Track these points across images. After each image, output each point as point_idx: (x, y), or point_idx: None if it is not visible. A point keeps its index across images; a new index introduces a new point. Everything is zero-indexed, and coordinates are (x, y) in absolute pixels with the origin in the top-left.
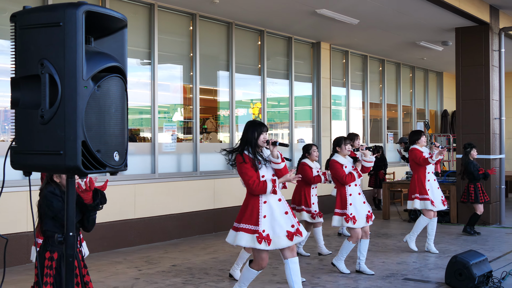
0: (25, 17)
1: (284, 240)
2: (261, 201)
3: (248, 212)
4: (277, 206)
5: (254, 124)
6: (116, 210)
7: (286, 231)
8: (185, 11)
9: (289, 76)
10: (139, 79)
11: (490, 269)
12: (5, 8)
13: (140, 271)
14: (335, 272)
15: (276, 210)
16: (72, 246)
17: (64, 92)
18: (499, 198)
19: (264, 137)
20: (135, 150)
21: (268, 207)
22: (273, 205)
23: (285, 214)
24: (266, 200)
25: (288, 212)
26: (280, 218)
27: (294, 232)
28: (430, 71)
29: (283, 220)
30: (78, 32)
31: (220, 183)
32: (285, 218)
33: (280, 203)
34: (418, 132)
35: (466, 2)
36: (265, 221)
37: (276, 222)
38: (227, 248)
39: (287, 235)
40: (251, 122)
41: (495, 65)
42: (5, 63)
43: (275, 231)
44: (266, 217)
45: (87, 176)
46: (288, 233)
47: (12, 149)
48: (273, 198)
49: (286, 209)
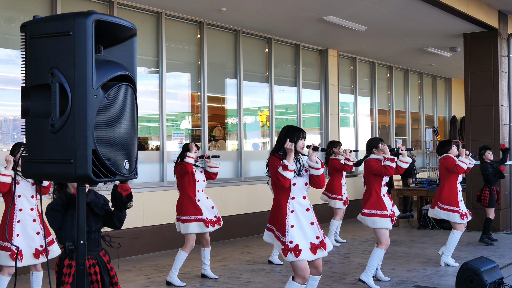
0: (35, 27)
1: (306, 253)
2: (288, 210)
3: (277, 218)
4: (303, 216)
5: (293, 130)
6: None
7: (310, 243)
8: (192, 19)
9: (297, 83)
10: (147, 88)
11: (501, 276)
12: (14, 18)
13: (149, 279)
14: (344, 279)
15: (303, 220)
16: (83, 254)
17: (74, 101)
18: (509, 205)
19: (302, 143)
20: (144, 158)
21: (295, 217)
22: (299, 215)
23: (311, 225)
24: (293, 209)
25: (314, 223)
26: (306, 228)
27: (318, 245)
28: (438, 77)
29: (308, 230)
30: (88, 41)
31: (228, 191)
32: (311, 228)
33: (307, 213)
34: (448, 142)
35: (474, 7)
36: (293, 231)
37: (303, 232)
38: (236, 256)
39: (310, 248)
40: (289, 127)
41: (504, 70)
42: (15, 72)
43: (301, 242)
44: (293, 227)
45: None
46: (312, 245)
47: (23, 158)
48: (301, 208)
49: (312, 219)
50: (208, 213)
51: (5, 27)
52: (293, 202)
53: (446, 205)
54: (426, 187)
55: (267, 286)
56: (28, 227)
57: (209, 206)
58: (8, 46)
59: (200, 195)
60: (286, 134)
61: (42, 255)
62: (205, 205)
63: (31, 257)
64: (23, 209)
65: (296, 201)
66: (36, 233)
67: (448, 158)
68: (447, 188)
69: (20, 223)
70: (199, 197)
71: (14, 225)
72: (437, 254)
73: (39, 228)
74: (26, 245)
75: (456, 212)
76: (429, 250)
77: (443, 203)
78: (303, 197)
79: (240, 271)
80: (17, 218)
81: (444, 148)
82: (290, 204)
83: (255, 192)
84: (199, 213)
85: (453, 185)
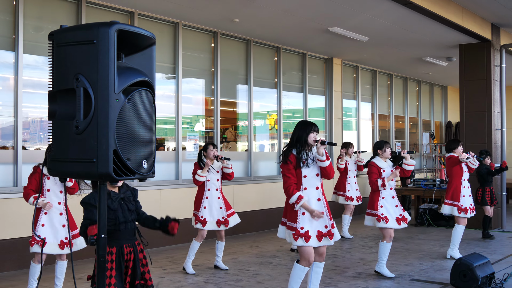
0: (62, 36)
1: (313, 240)
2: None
3: (289, 209)
4: (314, 205)
5: (305, 124)
6: None
7: (317, 231)
8: (207, 29)
9: (304, 90)
10: (164, 92)
11: (492, 271)
12: (43, 27)
13: (164, 270)
14: (345, 272)
15: (316, 208)
16: (104, 247)
17: (97, 104)
18: (501, 204)
19: (314, 136)
20: (161, 158)
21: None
22: (312, 204)
23: (321, 214)
24: (306, 199)
25: (325, 212)
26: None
27: (325, 233)
28: (435, 85)
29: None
30: (111, 49)
31: (239, 189)
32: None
33: (318, 203)
34: (456, 141)
35: (469, 20)
36: (304, 218)
37: (312, 220)
38: (245, 250)
39: (317, 235)
40: (302, 122)
41: (496, 79)
42: (42, 77)
43: (310, 229)
44: (305, 214)
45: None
46: (319, 233)
47: (49, 157)
48: (313, 197)
49: (322, 209)
50: (207, 213)
51: (34, 35)
52: (306, 193)
53: (449, 199)
54: (423, 187)
55: (273, 277)
56: (55, 220)
57: (217, 207)
58: (36, 52)
59: (210, 193)
60: (299, 129)
61: (66, 247)
62: (214, 204)
63: (56, 246)
64: (51, 202)
65: (308, 191)
66: (62, 225)
67: (451, 157)
68: (452, 185)
69: (47, 215)
70: (208, 195)
71: (41, 216)
72: (433, 249)
73: (65, 221)
74: (51, 236)
75: (455, 206)
76: (425, 246)
77: (447, 198)
78: (316, 187)
79: (249, 263)
80: (44, 210)
81: (451, 146)
82: (302, 194)
83: (263, 190)
84: (197, 209)
85: (458, 181)
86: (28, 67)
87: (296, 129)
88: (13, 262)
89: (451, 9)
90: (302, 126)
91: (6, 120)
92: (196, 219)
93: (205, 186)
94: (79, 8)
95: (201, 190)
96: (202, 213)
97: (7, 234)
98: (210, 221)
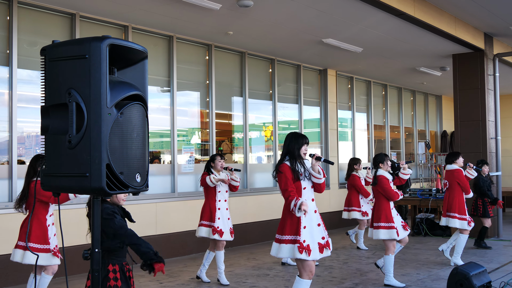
0: (54, 51)
1: (316, 252)
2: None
3: (288, 222)
4: (313, 217)
5: (296, 136)
6: (138, 227)
7: (317, 243)
8: (201, 42)
9: (298, 101)
10: (159, 105)
11: (489, 280)
12: (36, 42)
13: (161, 284)
14: (342, 283)
15: (314, 221)
16: (98, 261)
17: (89, 119)
18: (497, 213)
19: (305, 148)
20: (157, 171)
21: (308, 218)
22: (311, 216)
23: (318, 226)
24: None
25: (321, 224)
26: (315, 229)
27: (324, 244)
28: (429, 94)
29: (316, 231)
30: (103, 64)
31: (235, 201)
32: (318, 229)
33: (315, 215)
34: (456, 153)
35: (462, 30)
36: (305, 232)
37: (314, 233)
38: (242, 262)
39: (318, 247)
40: (292, 134)
41: (490, 88)
42: (37, 92)
43: (311, 242)
44: (306, 228)
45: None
46: (319, 245)
47: (42, 172)
48: (311, 209)
49: (319, 221)
50: (221, 223)
51: (28, 50)
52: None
53: (457, 213)
54: (419, 196)
55: None
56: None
57: (225, 217)
58: (30, 67)
59: (221, 204)
60: (290, 142)
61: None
62: (224, 215)
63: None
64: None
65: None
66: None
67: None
68: (456, 198)
69: (50, 226)
70: (219, 206)
71: (48, 228)
72: (430, 259)
73: (56, 231)
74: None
75: (464, 220)
76: (422, 256)
77: (454, 212)
78: (311, 199)
79: (246, 276)
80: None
81: (451, 158)
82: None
83: (260, 202)
84: (212, 220)
85: (461, 194)
86: (22, 82)
87: (287, 141)
88: (8, 278)
89: (444, 19)
90: (293, 138)
91: (1, 136)
92: (214, 230)
93: (216, 197)
94: (73, 23)
95: (210, 201)
96: (218, 223)
97: (3, 250)
98: (226, 232)
